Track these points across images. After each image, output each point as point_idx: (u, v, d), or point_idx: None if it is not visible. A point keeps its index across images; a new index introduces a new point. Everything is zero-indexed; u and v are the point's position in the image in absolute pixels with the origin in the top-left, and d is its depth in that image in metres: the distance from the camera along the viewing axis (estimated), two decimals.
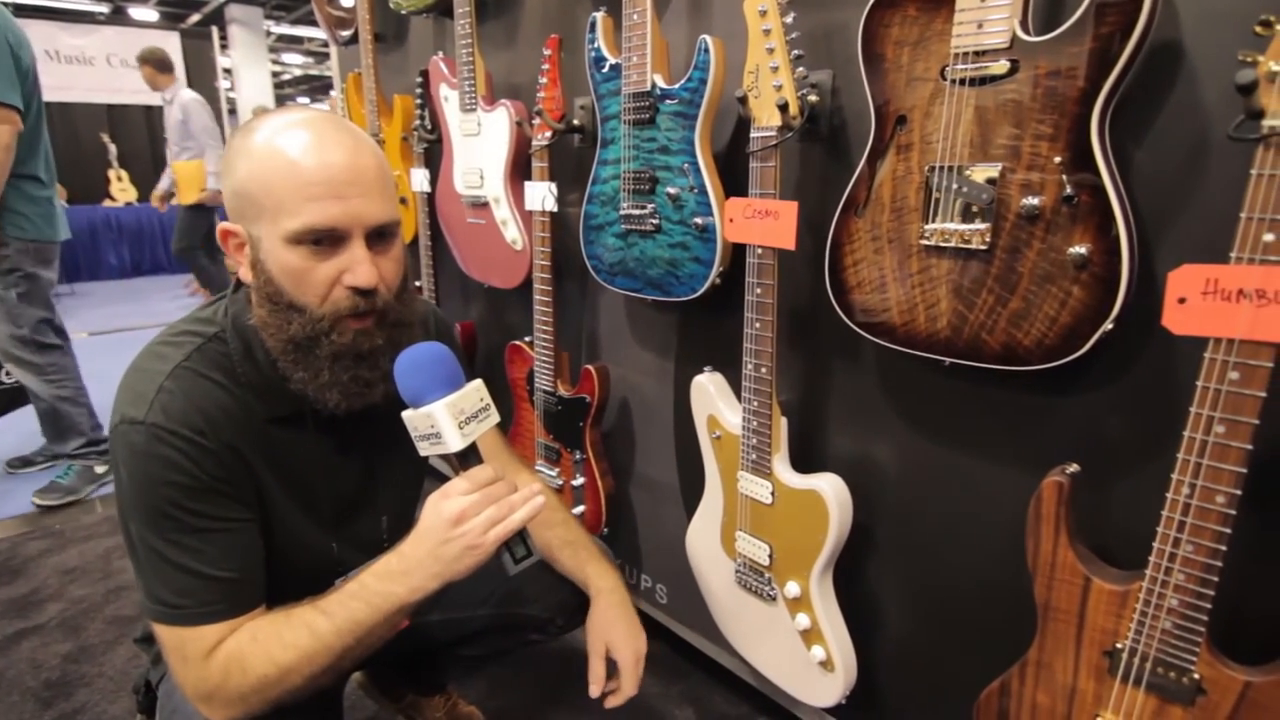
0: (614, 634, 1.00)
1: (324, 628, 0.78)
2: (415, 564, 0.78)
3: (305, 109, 0.82)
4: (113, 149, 6.90)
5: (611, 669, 1.00)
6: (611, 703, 0.99)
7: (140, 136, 7.32)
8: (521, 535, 0.80)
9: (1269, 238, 0.62)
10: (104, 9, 8.80)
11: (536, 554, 0.81)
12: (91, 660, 1.57)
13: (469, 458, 0.79)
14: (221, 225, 0.81)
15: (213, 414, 0.79)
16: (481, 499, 0.77)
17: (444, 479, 0.81)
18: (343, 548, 0.93)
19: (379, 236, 0.80)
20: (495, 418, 0.81)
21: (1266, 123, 0.61)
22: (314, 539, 0.90)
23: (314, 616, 0.79)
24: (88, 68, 7.02)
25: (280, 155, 0.75)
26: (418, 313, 0.91)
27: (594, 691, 0.98)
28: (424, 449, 0.80)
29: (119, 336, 4.45)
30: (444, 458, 0.80)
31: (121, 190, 6.97)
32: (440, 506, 0.78)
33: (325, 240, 0.76)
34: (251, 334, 0.83)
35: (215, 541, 0.79)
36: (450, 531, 0.76)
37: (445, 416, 0.76)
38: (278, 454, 0.84)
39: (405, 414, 0.79)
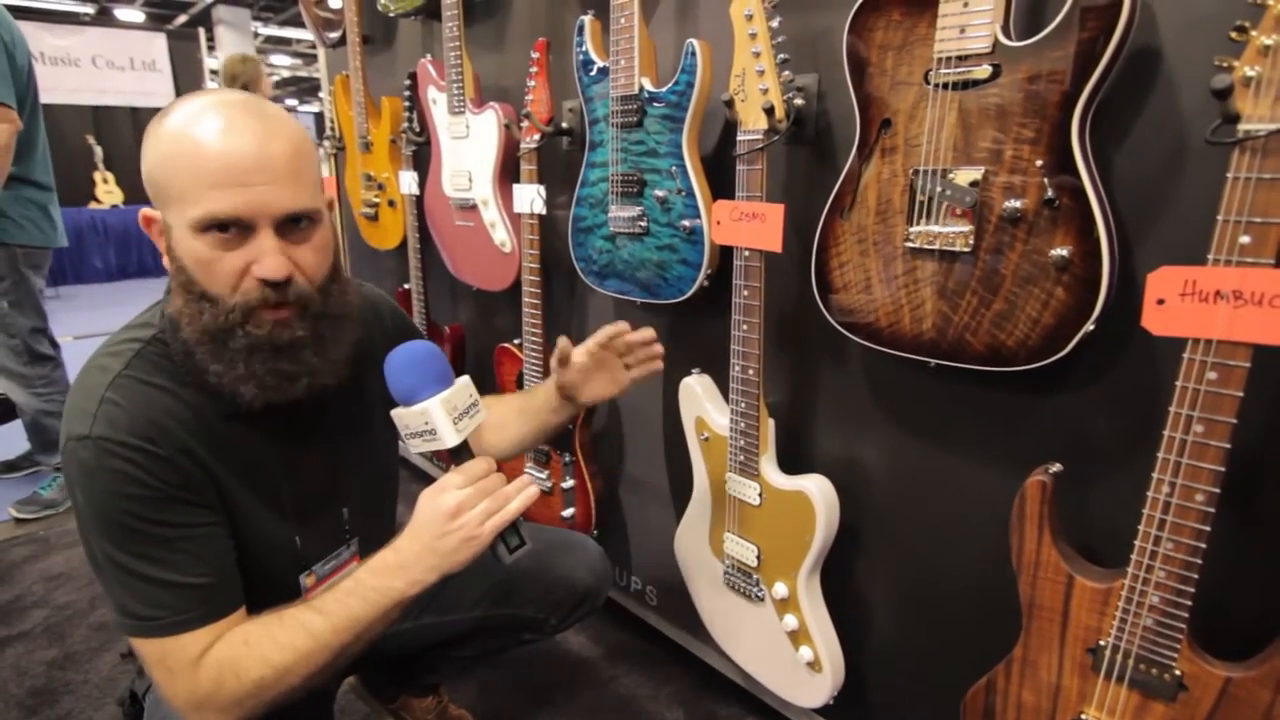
0: (579, 349, 1.05)
1: (321, 626, 0.77)
2: (413, 558, 0.78)
3: (224, 92, 0.78)
4: (98, 151, 6.83)
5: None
6: (648, 340, 1.08)
7: (126, 138, 7.25)
8: (515, 526, 0.81)
9: (1245, 240, 0.63)
10: (89, 10, 8.73)
11: (530, 544, 0.82)
12: (76, 667, 1.56)
13: (462, 453, 0.80)
14: (143, 211, 0.79)
15: (161, 420, 0.76)
16: (476, 492, 0.78)
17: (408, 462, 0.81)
18: (306, 543, 0.92)
19: (293, 225, 0.77)
20: (485, 413, 0.83)
21: (1242, 127, 0.62)
22: (277, 536, 0.89)
23: (309, 616, 0.78)
24: (73, 69, 6.95)
25: (185, 141, 0.72)
26: (352, 305, 0.87)
27: (635, 335, 1.06)
28: (416, 446, 0.80)
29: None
30: (434, 454, 0.80)
31: (107, 193, 6.91)
32: (436, 501, 0.78)
33: (232, 229, 0.73)
34: None
35: (182, 549, 0.77)
36: (448, 525, 0.77)
37: (440, 413, 0.77)
38: (235, 451, 0.82)
39: (396, 412, 0.80)
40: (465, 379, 0.81)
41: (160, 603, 0.76)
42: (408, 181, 1.94)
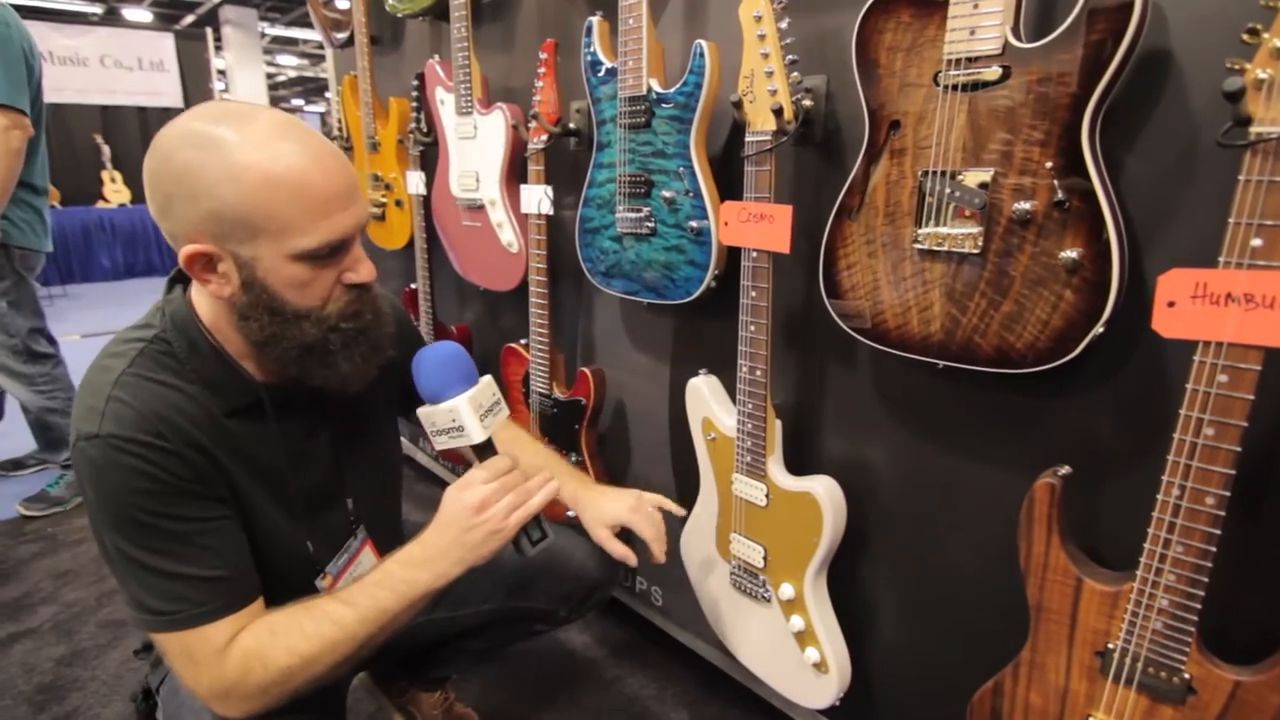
0: (604, 509, 1.07)
1: (348, 617, 0.79)
2: (439, 551, 0.81)
3: (262, 111, 0.75)
4: (106, 150, 6.88)
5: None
6: (657, 554, 1.06)
7: (134, 138, 7.28)
8: (537, 519, 0.84)
9: (1257, 242, 0.63)
10: (97, 10, 8.77)
11: (551, 535, 0.84)
12: (84, 664, 1.57)
13: (486, 449, 0.83)
14: (191, 248, 0.74)
15: (168, 415, 0.77)
16: (501, 487, 0.81)
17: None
18: (317, 543, 0.92)
19: None
20: (506, 411, 0.86)
21: (1254, 129, 0.62)
22: (289, 535, 0.89)
23: (335, 606, 0.80)
24: (81, 69, 6.99)
25: (280, 178, 0.72)
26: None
27: (631, 557, 1.06)
28: (441, 443, 0.82)
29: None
30: (439, 455, 0.82)
31: (115, 192, 6.94)
32: (462, 496, 0.81)
33: (332, 249, 0.77)
34: (195, 329, 0.81)
35: (196, 543, 0.77)
36: (474, 519, 0.80)
37: (468, 410, 0.80)
38: (242, 448, 0.83)
39: (423, 410, 0.82)
40: (488, 378, 0.84)
41: (179, 596, 0.76)
42: (415, 182, 1.94)
